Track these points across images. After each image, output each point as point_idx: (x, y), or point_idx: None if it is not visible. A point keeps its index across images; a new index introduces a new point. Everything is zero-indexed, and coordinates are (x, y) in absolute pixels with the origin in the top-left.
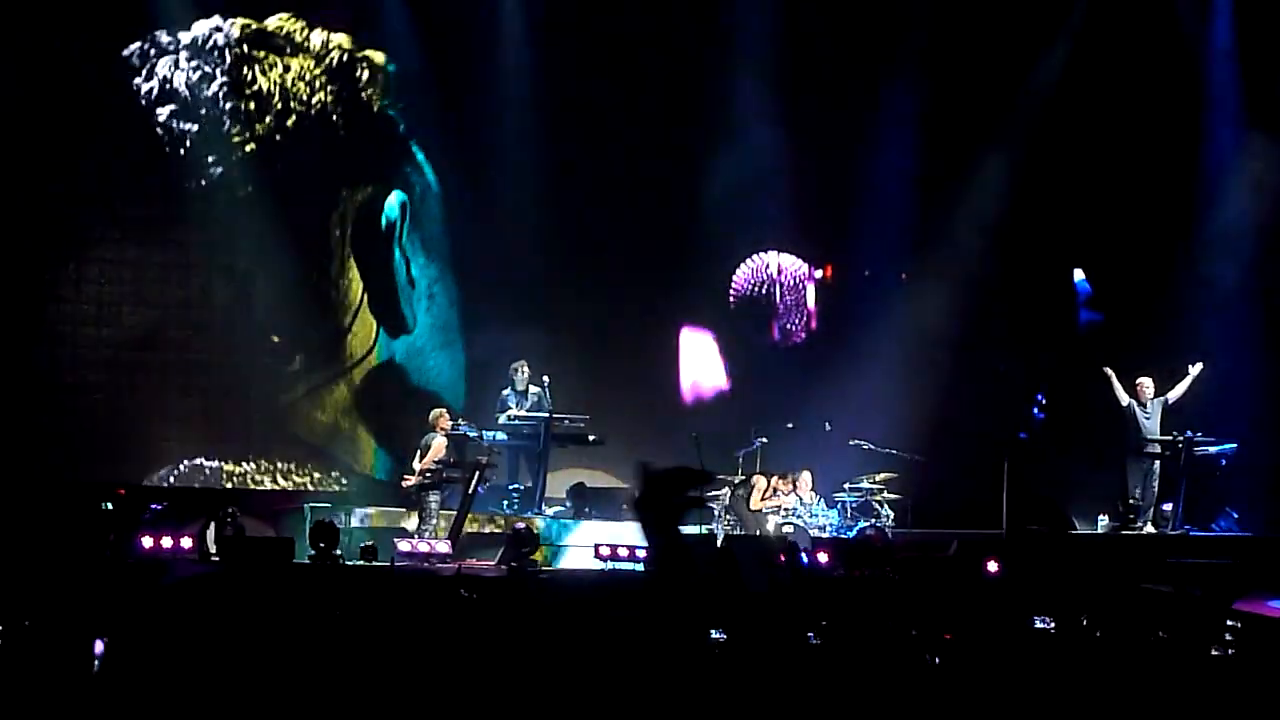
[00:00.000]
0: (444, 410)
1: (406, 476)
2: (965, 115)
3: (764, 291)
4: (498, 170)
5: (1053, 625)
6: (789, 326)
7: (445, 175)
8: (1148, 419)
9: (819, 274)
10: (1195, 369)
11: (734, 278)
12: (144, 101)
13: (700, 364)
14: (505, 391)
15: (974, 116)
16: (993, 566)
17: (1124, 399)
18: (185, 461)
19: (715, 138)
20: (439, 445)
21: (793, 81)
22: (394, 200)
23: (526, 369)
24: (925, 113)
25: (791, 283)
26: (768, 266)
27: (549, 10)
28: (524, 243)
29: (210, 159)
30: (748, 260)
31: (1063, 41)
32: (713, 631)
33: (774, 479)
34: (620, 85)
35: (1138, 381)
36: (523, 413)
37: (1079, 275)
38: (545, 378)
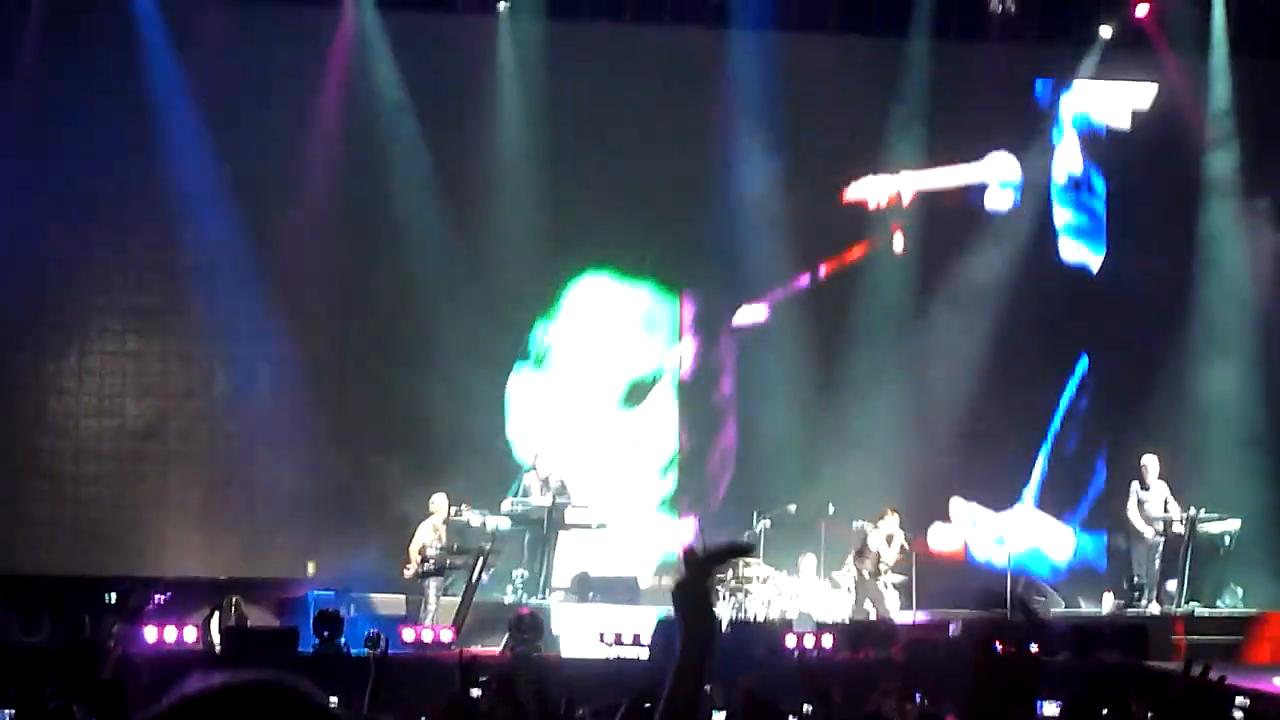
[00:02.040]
0: (439, 495)
1: (406, 563)
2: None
3: None
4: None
5: (1059, 709)
6: None
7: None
8: (1152, 498)
9: None
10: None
11: None
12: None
13: None
14: (526, 477)
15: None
16: (999, 648)
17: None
18: (188, 551)
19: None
20: (423, 532)
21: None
22: None
23: (547, 454)
24: None
25: None
26: None
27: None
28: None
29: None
30: None
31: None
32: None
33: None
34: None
35: (1142, 460)
36: (525, 499)
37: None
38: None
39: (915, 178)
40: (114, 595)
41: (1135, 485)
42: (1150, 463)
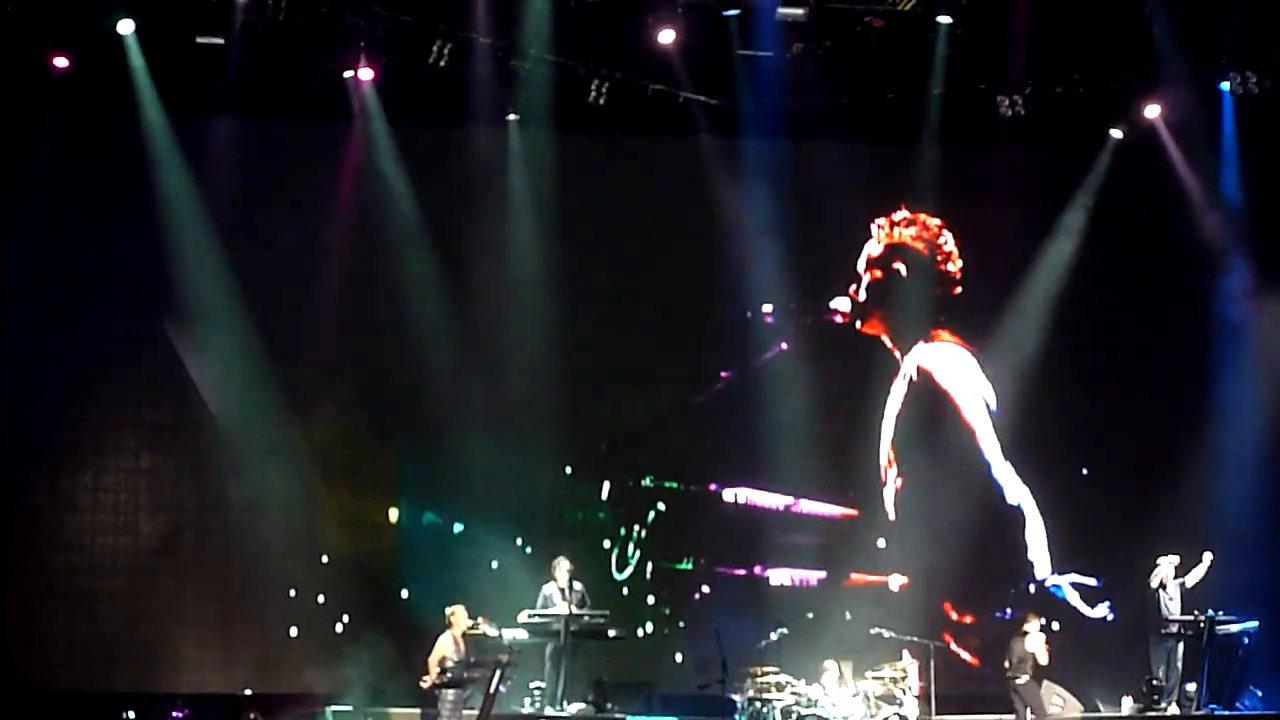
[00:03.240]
0: (459, 607)
1: (424, 676)
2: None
3: None
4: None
5: None
6: None
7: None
8: (1170, 600)
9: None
10: (1207, 558)
11: None
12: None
13: None
14: (547, 587)
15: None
16: None
17: (1154, 582)
18: (205, 666)
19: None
20: (442, 644)
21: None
22: None
23: (567, 564)
24: None
25: None
26: None
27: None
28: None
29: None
30: None
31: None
32: None
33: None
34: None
35: (1159, 562)
36: (543, 610)
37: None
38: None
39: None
40: (131, 713)
41: (1156, 585)
42: (1167, 564)
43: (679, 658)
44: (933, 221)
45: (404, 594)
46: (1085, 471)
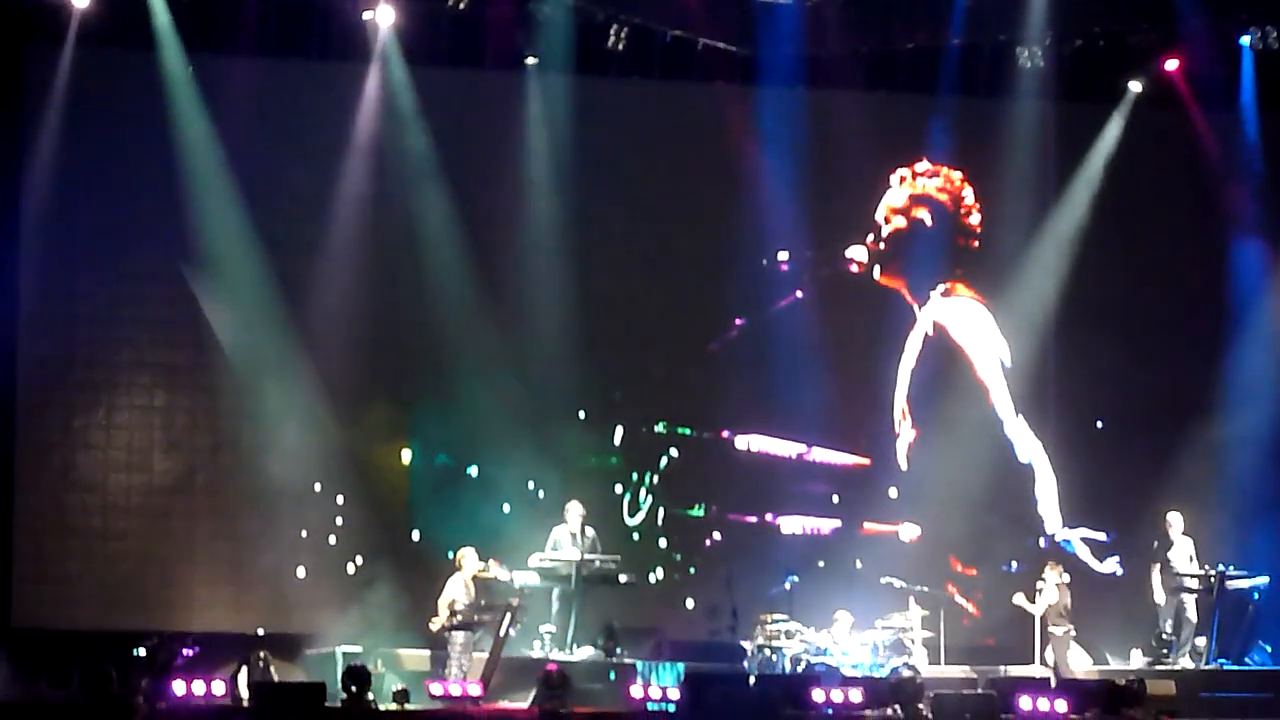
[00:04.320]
0: (469, 550)
1: (433, 618)
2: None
3: None
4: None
5: None
6: None
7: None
8: (1177, 554)
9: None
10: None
11: None
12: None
13: None
14: (558, 531)
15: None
16: (1025, 703)
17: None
18: (216, 606)
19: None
20: (452, 587)
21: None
22: None
23: (579, 508)
24: None
25: None
26: None
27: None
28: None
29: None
30: None
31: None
32: None
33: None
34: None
35: (1167, 517)
36: (553, 554)
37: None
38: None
39: None
40: (142, 650)
41: (1156, 545)
42: (1175, 519)
43: (689, 604)
44: (955, 174)
45: (415, 536)
46: (1100, 425)
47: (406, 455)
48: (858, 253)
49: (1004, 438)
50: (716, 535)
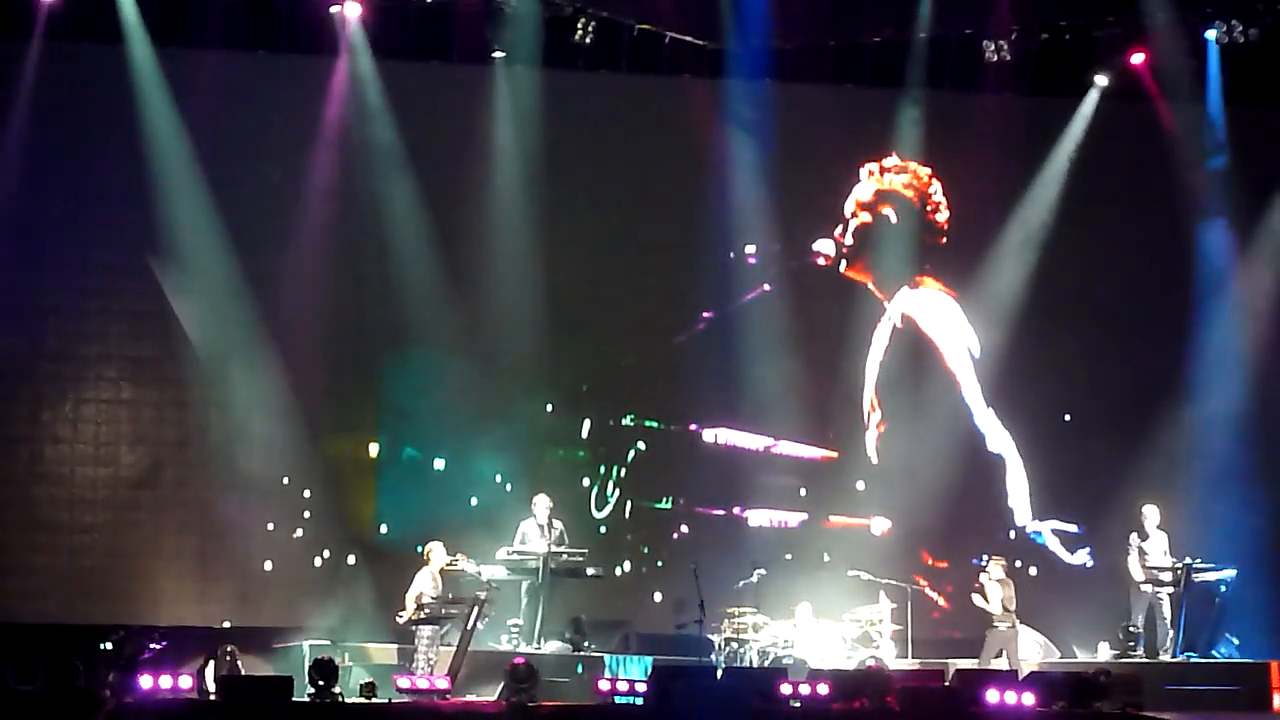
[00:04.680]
0: (437, 543)
1: (401, 611)
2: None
3: None
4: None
5: None
6: None
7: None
8: (1152, 548)
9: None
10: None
11: None
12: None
13: None
14: (525, 524)
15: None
16: (992, 696)
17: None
18: (183, 600)
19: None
20: (420, 580)
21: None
22: None
23: (547, 501)
24: None
25: None
26: None
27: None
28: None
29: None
30: None
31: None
32: None
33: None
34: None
35: (1143, 510)
36: (521, 547)
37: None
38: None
39: None
40: (109, 644)
41: (1134, 535)
42: (1150, 512)
43: (657, 597)
44: (923, 170)
45: (383, 529)
46: (1068, 418)
47: (374, 449)
48: (825, 246)
49: (974, 429)
50: (684, 528)
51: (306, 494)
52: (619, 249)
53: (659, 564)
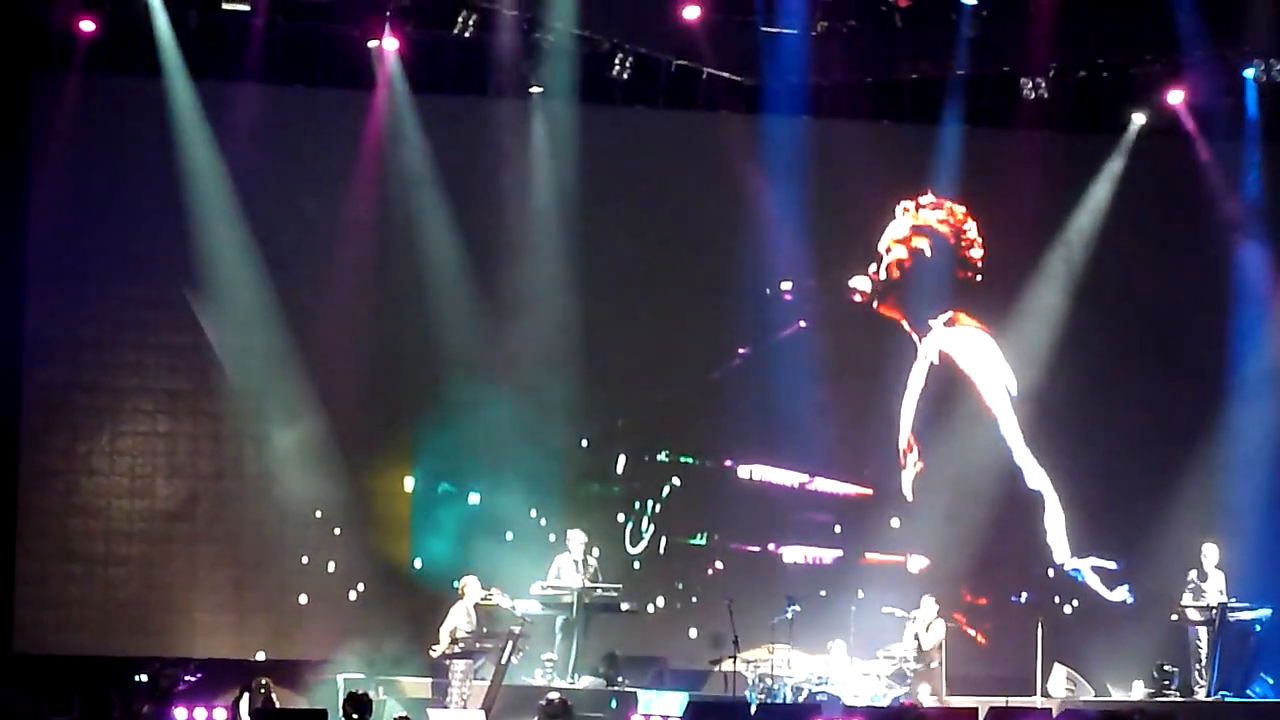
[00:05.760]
0: (472, 577)
1: (434, 645)
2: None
3: None
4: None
5: None
6: None
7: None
8: (1209, 587)
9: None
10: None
11: None
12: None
13: None
14: (560, 559)
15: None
16: None
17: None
18: (218, 632)
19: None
20: (455, 614)
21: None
22: None
23: (582, 537)
24: None
25: None
26: None
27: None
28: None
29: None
30: None
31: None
32: None
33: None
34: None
35: (1203, 548)
36: (555, 582)
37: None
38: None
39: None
40: (144, 676)
41: (1194, 573)
42: (1210, 551)
43: (692, 633)
44: (958, 208)
45: (417, 563)
46: (1106, 454)
47: (409, 483)
48: (861, 282)
49: (1012, 466)
50: (719, 564)
51: (340, 528)
52: (655, 284)
53: (693, 600)
